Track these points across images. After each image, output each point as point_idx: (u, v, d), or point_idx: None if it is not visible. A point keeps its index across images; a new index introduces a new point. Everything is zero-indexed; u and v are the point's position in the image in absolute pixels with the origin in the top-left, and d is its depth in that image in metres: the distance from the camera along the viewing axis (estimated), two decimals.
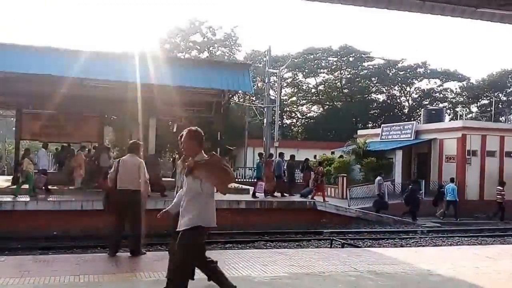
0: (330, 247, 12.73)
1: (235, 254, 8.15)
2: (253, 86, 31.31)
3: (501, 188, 23.27)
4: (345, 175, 26.01)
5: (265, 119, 29.47)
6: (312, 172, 22.22)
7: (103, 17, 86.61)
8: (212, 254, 5.65)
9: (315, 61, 54.77)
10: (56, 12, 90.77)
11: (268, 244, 13.34)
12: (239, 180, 28.25)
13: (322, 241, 14.22)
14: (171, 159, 33.21)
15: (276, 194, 19.84)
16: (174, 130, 25.76)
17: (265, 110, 29.56)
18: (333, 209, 18.91)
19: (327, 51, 54.29)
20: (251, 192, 19.62)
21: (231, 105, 40.80)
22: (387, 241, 14.39)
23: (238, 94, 50.92)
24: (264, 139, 28.42)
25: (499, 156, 26.90)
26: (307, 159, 24.18)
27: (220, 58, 48.49)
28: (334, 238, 13.55)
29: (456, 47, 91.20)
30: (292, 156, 21.65)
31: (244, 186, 21.90)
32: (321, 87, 57.80)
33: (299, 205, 18.97)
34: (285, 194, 20.31)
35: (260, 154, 21.97)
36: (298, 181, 24.61)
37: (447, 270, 7.15)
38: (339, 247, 11.98)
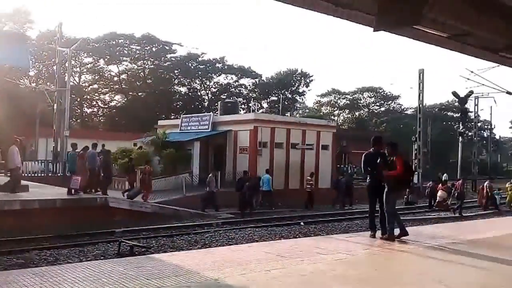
0: (118, 252, 10.98)
1: None
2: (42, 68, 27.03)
3: (310, 178, 24.70)
4: (129, 163, 23.95)
5: (55, 105, 25.69)
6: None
7: None
8: None
9: (118, 48, 51.27)
10: None
11: (43, 254, 10.84)
12: (27, 175, 23.53)
13: (112, 243, 12.30)
14: None
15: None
16: None
17: (56, 94, 25.75)
18: (127, 205, 17.01)
19: (129, 38, 51.24)
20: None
21: (21, 88, 34.94)
22: (182, 238, 13.25)
23: (29, 77, 44.42)
24: (54, 128, 24.74)
25: (285, 148, 28.44)
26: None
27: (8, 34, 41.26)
28: (123, 240, 11.77)
29: (251, 45, 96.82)
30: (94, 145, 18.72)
31: (26, 182, 18.17)
32: (124, 76, 54.49)
33: (88, 202, 16.45)
34: (99, 191, 17.70)
35: (73, 145, 18.63)
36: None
37: (237, 278, 6.11)
38: (127, 252, 10.32)
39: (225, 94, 58.05)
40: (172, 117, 49.62)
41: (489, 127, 60.89)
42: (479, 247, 7.66)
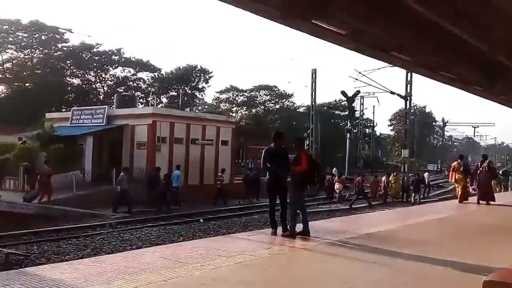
0: None
1: None
2: None
3: (221, 174, 24.21)
4: (28, 164, 21.53)
5: None
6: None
7: None
8: None
9: (1, 35, 45.83)
10: None
11: None
12: None
13: None
14: None
15: None
16: None
17: None
18: (7, 207, 14.90)
19: (15, 24, 46.04)
20: None
21: None
22: (69, 242, 11.80)
23: None
24: None
25: (185, 143, 27.44)
26: None
27: None
28: None
29: (150, 37, 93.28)
30: None
31: None
32: (8, 65, 48.90)
33: None
34: None
35: None
36: None
37: None
38: (1, 262, 8.77)
39: (123, 88, 54.90)
40: (64, 110, 45.67)
41: (371, 124, 65.41)
42: (377, 241, 7.59)
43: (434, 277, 5.62)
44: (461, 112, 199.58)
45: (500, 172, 27.43)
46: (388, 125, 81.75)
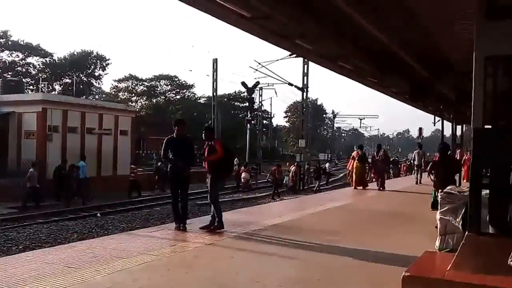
0: None
1: None
2: None
3: (134, 166, 23.40)
4: None
5: None
6: None
7: None
8: None
9: None
10: None
11: None
12: None
13: None
14: None
15: None
16: None
17: None
18: None
19: None
20: None
21: None
22: None
23: None
24: None
25: (80, 133, 25.22)
26: None
27: None
28: None
29: (40, 20, 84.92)
30: None
31: None
32: None
33: None
34: None
35: None
36: None
37: None
38: None
39: (10, 74, 49.18)
40: None
41: (269, 116, 66.85)
42: (284, 232, 7.32)
43: (347, 269, 5.44)
44: (350, 105, 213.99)
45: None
46: (284, 117, 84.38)
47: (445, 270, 4.40)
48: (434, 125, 45.17)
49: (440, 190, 6.46)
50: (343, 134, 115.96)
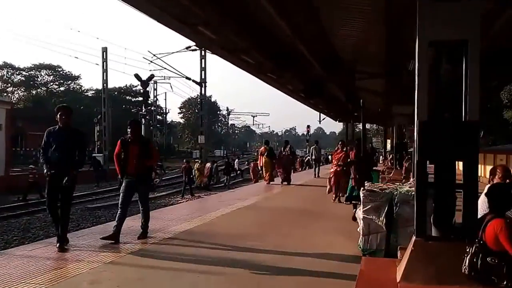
0: None
1: None
2: None
3: (33, 167, 20.97)
4: None
5: None
6: None
7: None
8: None
9: None
10: None
11: None
12: None
13: None
14: None
15: None
16: None
17: None
18: None
19: None
20: None
21: None
22: None
23: None
24: None
25: None
26: None
27: None
28: None
29: None
30: None
31: None
32: None
33: None
34: None
35: None
36: None
37: None
38: None
39: None
40: None
41: (164, 111, 64.46)
42: (198, 240, 6.33)
43: (278, 282, 4.68)
44: (244, 103, 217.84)
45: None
46: (179, 113, 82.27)
47: (395, 282, 3.88)
48: (320, 122, 47.53)
49: (362, 188, 6.06)
50: (236, 131, 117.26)
